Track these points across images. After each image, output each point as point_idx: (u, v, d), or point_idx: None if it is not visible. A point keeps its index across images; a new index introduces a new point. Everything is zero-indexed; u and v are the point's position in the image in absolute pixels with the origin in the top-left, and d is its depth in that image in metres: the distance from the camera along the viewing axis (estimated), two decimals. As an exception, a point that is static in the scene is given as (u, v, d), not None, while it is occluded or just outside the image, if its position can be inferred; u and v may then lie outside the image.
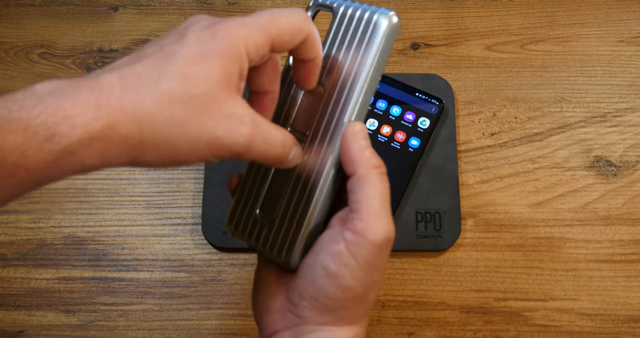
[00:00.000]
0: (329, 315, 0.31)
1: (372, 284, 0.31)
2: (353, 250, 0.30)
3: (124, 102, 0.26)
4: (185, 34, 0.28)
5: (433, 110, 0.54)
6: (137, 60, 0.27)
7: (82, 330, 0.49)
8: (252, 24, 0.28)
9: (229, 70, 0.27)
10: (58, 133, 0.24)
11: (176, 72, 0.27)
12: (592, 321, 0.49)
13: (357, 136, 0.32)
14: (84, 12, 0.60)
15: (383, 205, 0.31)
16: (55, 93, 0.25)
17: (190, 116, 0.27)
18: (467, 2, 0.60)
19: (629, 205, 0.53)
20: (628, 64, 0.57)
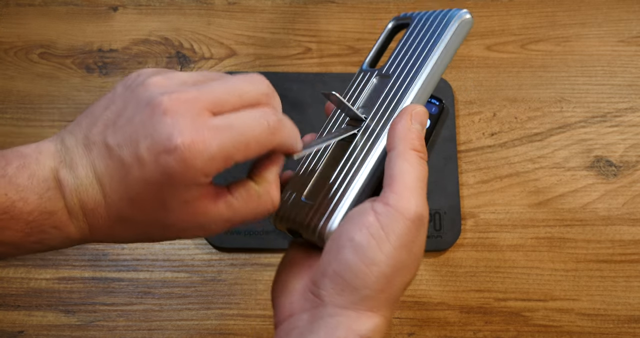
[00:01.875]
0: (351, 294, 0.29)
1: (401, 266, 0.30)
2: (383, 221, 0.29)
3: (97, 219, 0.29)
4: (140, 148, 0.26)
5: (433, 110, 0.54)
6: (103, 155, 0.28)
7: (82, 330, 0.49)
8: (214, 151, 0.26)
9: (187, 196, 0.27)
10: (46, 238, 0.28)
11: (135, 201, 0.28)
12: (593, 321, 0.49)
13: (413, 116, 0.32)
14: (84, 12, 0.60)
15: (418, 183, 0.30)
16: (49, 192, 0.28)
17: (154, 231, 0.30)
18: (467, 2, 0.60)
19: (629, 205, 0.52)
20: (628, 63, 0.57)
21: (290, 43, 0.58)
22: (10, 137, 0.55)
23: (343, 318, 0.29)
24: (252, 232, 0.51)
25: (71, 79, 0.57)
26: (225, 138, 0.26)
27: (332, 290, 0.30)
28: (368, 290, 0.29)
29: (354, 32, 0.59)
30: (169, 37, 0.59)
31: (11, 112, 0.56)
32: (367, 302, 0.30)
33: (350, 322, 0.29)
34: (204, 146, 0.26)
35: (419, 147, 0.31)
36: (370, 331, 0.29)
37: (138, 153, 0.26)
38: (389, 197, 0.30)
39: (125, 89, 0.29)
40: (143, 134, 0.27)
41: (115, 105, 0.28)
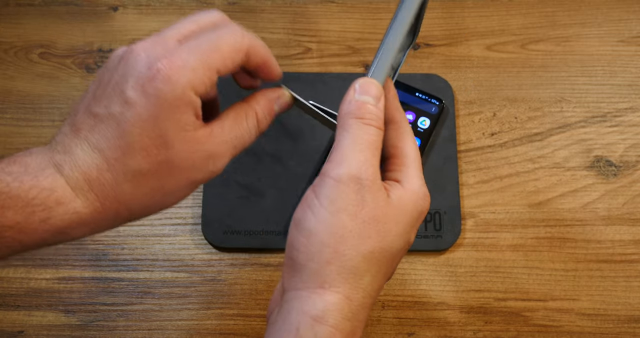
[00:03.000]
0: (300, 272, 0.28)
1: (344, 232, 0.28)
2: (316, 190, 0.29)
3: (105, 187, 0.28)
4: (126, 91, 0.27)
5: (433, 110, 0.54)
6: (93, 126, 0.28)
7: (82, 330, 0.49)
8: (193, 62, 0.28)
9: (183, 120, 0.28)
10: (52, 216, 0.27)
11: (136, 145, 0.27)
12: (593, 321, 0.49)
13: (356, 89, 0.32)
14: (84, 12, 0.60)
15: (355, 146, 0.29)
16: (46, 172, 0.27)
17: (164, 179, 0.28)
18: (467, 2, 0.60)
19: (629, 205, 0.53)
20: (628, 63, 0.57)
21: (290, 43, 0.58)
22: (10, 137, 0.55)
23: (295, 301, 0.28)
24: (252, 232, 0.51)
25: (71, 79, 0.57)
26: (198, 50, 0.28)
27: (287, 274, 0.29)
28: (312, 262, 0.28)
29: (354, 32, 0.59)
30: (169, 37, 0.59)
31: (11, 112, 0.56)
32: (315, 277, 0.28)
33: (301, 303, 0.28)
34: (182, 61, 0.27)
35: (363, 114, 0.31)
36: (321, 311, 0.27)
37: (125, 97, 0.27)
38: (323, 167, 0.30)
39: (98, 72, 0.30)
40: (124, 80, 0.28)
41: (92, 84, 0.30)
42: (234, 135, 0.31)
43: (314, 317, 0.27)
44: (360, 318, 0.29)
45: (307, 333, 0.27)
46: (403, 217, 0.30)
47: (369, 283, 0.29)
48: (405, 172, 0.32)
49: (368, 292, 0.29)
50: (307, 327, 0.27)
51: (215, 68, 0.29)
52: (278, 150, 0.53)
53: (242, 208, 0.51)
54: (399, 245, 0.30)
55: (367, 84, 0.32)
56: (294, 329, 0.27)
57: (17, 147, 0.54)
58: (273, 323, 0.29)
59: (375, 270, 0.29)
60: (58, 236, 0.28)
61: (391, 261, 0.30)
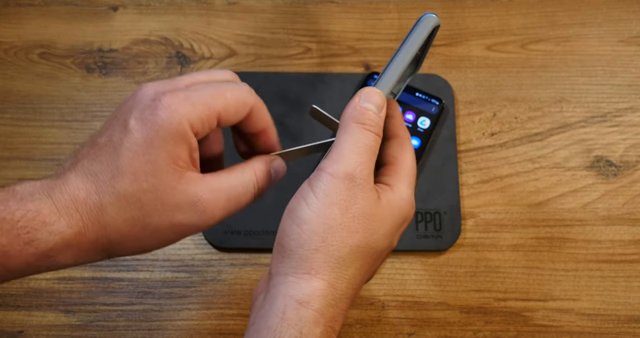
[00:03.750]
0: (288, 257, 0.30)
1: (334, 224, 0.30)
2: (312, 183, 0.31)
3: (89, 208, 0.28)
4: (128, 120, 0.29)
5: (433, 110, 0.54)
6: (93, 155, 0.29)
7: (82, 330, 0.49)
8: (195, 99, 0.29)
9: (176, 153, 0.28)
10: (37, 238, 0.27)
11: (125, 168, 0.28)
12: (593, 321, 0.49)
13: (362, 97, 0.33)
14: (84, 12, 0.60)
15: (354, 148, 0.31)
16: (34, 196, 0.28)
17: (147, 211, 0.29)
18: (467, 2, 0.60)
19: (629, 205, 0.53)
20: (628, 63, 0.57)
21: (290, 43, 0.58)
22: (10, 137, 0.55)
23: (282, 286, 0.29)
24: (252, 232, 0.51)
25: (71, 79, 0.57)
26: (203, 91, 0.30)
27: (275, 260, 0.31)
28: (302, 249, 0.30)
29: (354, 32, 0.59)
30: (169, 37, 0.59)
31: (11, 112, 0.56)
32: (303, 263, 0.29)
33: (288, 288, 0.29)
34: (185, 96, 0.29)
35: (365, 120, 0.32)
36: (307, 295, 0.29)
37: (126, 126, 0.28)
38: (322, 163, 0.31)
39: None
40: (129, 112, 0.29)
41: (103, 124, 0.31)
42: (227, 185, 0.31)
43: (299, 300, 0.29)
44: (342, 307, 0.30)
45: (293, 316, 0.28)
46: (390, 218, 0.32)
47: (353, 275, 0.30)
48: (398, 179, 0.33)
49: (351, 283, 0.30)
50: (292, 310, 0.29)
51: (216, 110, 0.30)
52: (278, 150, 0.53)
53: (242, 208, 0.51)
54: (383, 244, 0.32)
55: (372, 93, 0.33)
56: (280, 312, 0.29)
57: (17, 147, 0.54)
58: (259, 308, 0.30)
59: (359, 263, 0.31)
60: (43, 260, 0.28)
61: (375, 259, 0.32)
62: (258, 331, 0.29)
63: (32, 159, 0.54)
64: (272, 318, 0.28)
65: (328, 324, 0.29)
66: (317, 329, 0.28)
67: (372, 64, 0.57)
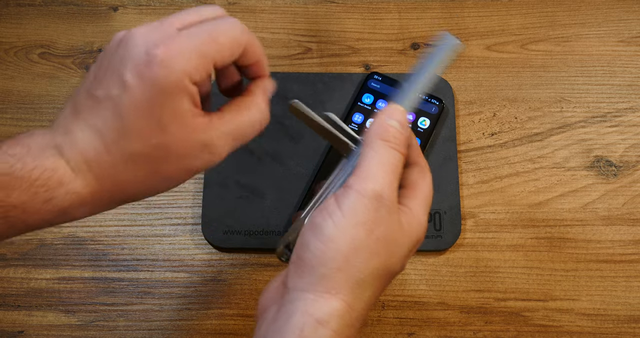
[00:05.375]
0: (309, 274, 0.29)
1: (360, 244, 0.29)
2: (340, 200, 0.30)
3: (102, 168, 0.28)
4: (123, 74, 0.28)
5: (433, 110, 0.54)
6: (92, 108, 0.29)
7: (82, 330, 0.49)
8: (189, 49, 0.28)
9: (178, 106, 0.28)
10: (54, 197, 0.28)
11: (132, 128, 0.28)
12: (592, 321, 0.49)
13: (387, 114, 0.33)
14: (84, 12, 0.60)
15: (381, 167, 0.31)
16: (47, 152, 0.28)
17: (159, 164, 0.29)
18: (467, 2, 0.60)
19: (629, 205, 0.53)
20: (628, 64, 0.57)
21: (290, 43, 0.58)
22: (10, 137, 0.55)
23: (300, 302, 0.29)
24: (252, 232, 0.51)
25: (71, 79, 0.57)
26: (196, 39, 0.29)
27: (294, 274, 0.30)
28: (325, 267, 0.29)
29: (354, 32, 0.59)
30: (169, 37, 0.59)
31: (11, 112, 0.56)
32: (324, 282, 0.29)
33: (307, 306, 0.29)
34: (179, 48, 0.28)
35: (390, 138, 0.32)
36: (327, 314, 0.29)
37: (123, 81, 0.28)
38: (349, 180, 0.31)
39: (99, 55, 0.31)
40: (123, 64, 0.28)
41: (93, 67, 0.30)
42: (234, 126, 0.31)
43: (318, 319, 0.28)
44: (356, 327, 0.30)
45: (311, 335, 0.28)
46: (408, 242, 0.32)
47: (370, 297, 0.31)
48: (418, 203, 0.34)
49: (367, 304, 0.31)
50: (311, 328, 0.28)
51: (212, 58, 0.29)
52: (278, 150, 0.53)
53: (242, 208, 0.51)
54: (398, 267, 0.32)
55: (396, 111, 0.34)
56: (298, 330, 0.28)
57: (17, 147, 0.54)
58: (272, 321, 0.30)
59: (376, 285, 0.31)
60: (60, 216, 0.28)
61: (388, 281, 0.32)
62: None
63: (32, 159, 0.54)
64: (289, 334, 0.28)
65: None
66: None
67: (372, 64, 0.57)
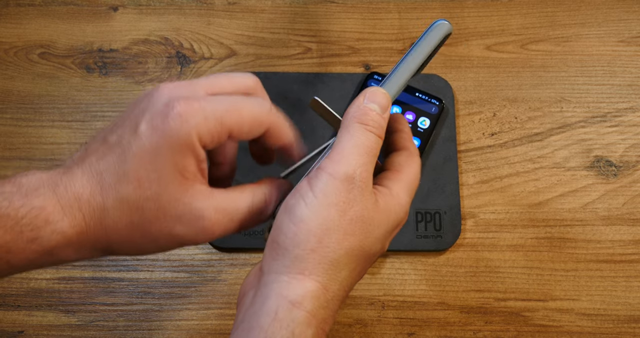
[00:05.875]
0: (283, 256, 0.29)
1: (332, 225, 0.29)
2: (312, 182, 0.30)
3: (92, 209, 0.28)
4: (139, 123, 0.28)
5: (433, 110, 0.54)
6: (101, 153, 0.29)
7: (82, 330, 0.49)
8: (209, 112, 0.28)
9: (182, 164, 0.28)
10: (40, 236, 0.27)
11: (131, 174, 0.28)
12: (592, 321, 0.49)
13: (367, 96, 0.33)
14: (84, 12, 0.60)
15: (355, 149, 0.31)
16: (39, 192, 0.28)
17: (147, 219, 0.28)
18: (467, 2, 0.60)
19: (629, 205, 0.53)
20: (628, 64, 0.57)
21: (290, 43, 0.58)
22: (10, 137, 0.55)
23: (275, 285, 0.29)
24: (252, 232, 0.51)
25: (71, 79, 0.57)
26: (220, 103, 0.29)
27: (269, 257, 0.30)
28: (298, 249, 0.29)
29: (354, 32, 0.59)
30: (169, 37, 0.59)
31: (11, 112, 0.56)
32: (298, 263, 0.29)
33: (281, 288, 0.29)
34: (200, 107, 0.28)
35: (368, 121, 0.32)
36: (300, 296, 0.29)
37: (137, 129, 0.28)
38: (322, 163, 0.31)
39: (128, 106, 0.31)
40: (142, 114, 0.28)
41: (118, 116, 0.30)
42: (233, 206, 0.30)
43: (292, 301, 0.29)
44: (333, 308, 0.30)
45: (285, 317, 0.28)
46: (385, 223, 0.32)
47: (345, 277, 0.31)
48: (400, 185, 0.33)
49: (343, 285, 0.31)
50: (285, 310, 0.28)
51: (229, 126, 0.29)
52: (278, 150, 0.53)
53: (242, 208, 0.51)
54: (376, 248, 0.32)
55: (377, 93, 0.33)
56: (272, 312, 0.28)
57: (17, 147, 0.54)
58: (249, 306, 0.30)
59: (352, 266, 0.31)
60: (45, 257, 0.28)
61: (366, 261, 0.32)
62: (249, 330, 0.29)
63: (32, 159, 0.54)
64: (264, 318, 0.28)
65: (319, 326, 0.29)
66: (309, 330, 0.28)
67: (372, 64, 0.57)
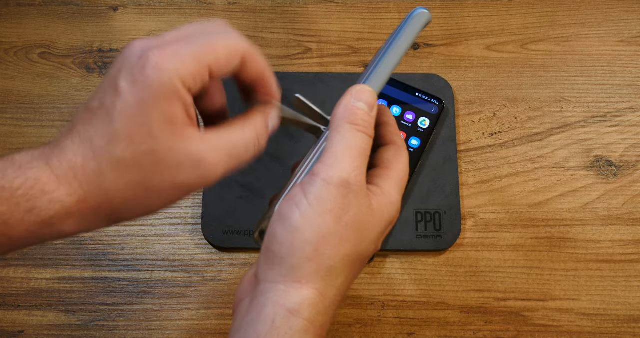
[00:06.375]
0: (279, 265, 0.29)
1: (327, 233, 0.29)
2: (306, 189, 0.30)
3: (88, 175, 0.27)
4: (118, 82, 0.28)
5: (433, 110, 0.54)
6: (88, 121, 0.28)
7: (82, 330, 0.49)
8: (184, 53, 0.28)
9: (170, 112, 0.27)
10: (37, 206, 0.27)
11: (121, 132, 0.27)
12: (592, 321, 0.49)
13: (354, 95, 0.32)
14: (84, 12, 0.60)
15: (348, 152, 0.30)
16: (33, 164, 0.27)
17: (147, 173, 0.28)
18: (467, 2, 0.60)
19: (629, 205, 0.53)
20: (628, 63, 0.57)
21: (290, 43, 0.58)
22: (10, 137, 0.55)
23: (272, 293, 0.29)
24: (252, 232, 0.51)
25: (71, 79, 0.57)
26: (191, 45, 0.28)
27: (264, 266, 0.30)
28: (294, 258, 0.29)
29: (354, 32, 0.59)
30: (169, 37, 0.59)
31: (11, 112, 0.56)
32: (294, 272, 0.29)
33: (278, 296, 0.29)
34: (172, 51, 0.27)
35: (357, 121, 0.31)
36: (297, 304, 0.29)
37: (116, 88, 0.27)
38: (315, 167, 0.30)
39: None
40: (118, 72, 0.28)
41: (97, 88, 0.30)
42: (228, 143, 0.30)
43: (289, 309, 0.29)
44: (330, 314, 0.30)
45: (283, 325, 0.28)
46: (379, 224, 0.32)
47: (342, 283, 0.30)
48: (390, 184, 0.33)
49: (340, 290, 0.30)
50: (282, 319, 0.28)
51: (206, 63, 0.28)
52: (278, 150, 0.53)
53: (242, 208, 0.51)
54: (370, 250, 0.32)
55: (363, 92, 0.33)
56: (270, 321, 0.28)
57: (17, 147, 0.54)
58: (245, 314, 0.30)
59: (348, 271, 0.31)
60: (45, 228, 0.27)
61: (361, 264, 0.32)
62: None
63: (32, 159, 0.54)
64: (261, 326, 0.28)
65: (317, 332, 0.29)
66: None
67: (372, 64, 0.57)
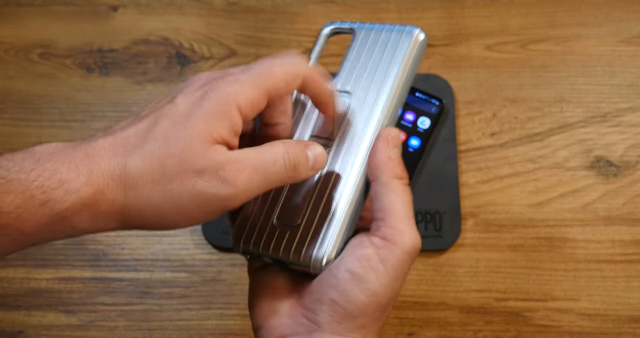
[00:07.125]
0: (349, 322, 0.30)
1: (394, 295, 0.31)
2: (382, 254, 0.30)
3: (112, 166, 0.27)
4: (176, 96, 0.28)
5: (433, 110, 0.54)
6: (132, 124, 0.29)
7: (82, 330, 0.49)
8: (244, 79, 0.28)
9: (215, 128, 0.28)
10: (52, 198, 0.26)
11: (159, 133, 0.27)
12: (593, 321, 0.49)
13: (390, 142, 0.32)
14: (84, 12, 0.60)
15: (408, 213, 0.31)
16: (53, 155, 0.27)
17: (168, 176, 0.27)
18: (467, 2, 0.60)
19: (629, 205, 0.53)
20: (628, 64, 0.57)
21: (290, 43, 0.58)
22: (11, 137, 0.55)
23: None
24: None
25: (71, 79, 0.57)
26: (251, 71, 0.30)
27: (330, 318, 0.31)
28: (366, 319, 0.30)
29: (354, 32, 0.59)
30: (169, 37, 0.59)
31: (11, 112, 0.56)
32: (362, 329, 0.31)
33: None
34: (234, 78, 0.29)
35: (401, 174, 0.32)
36: None
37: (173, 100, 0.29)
38: (385, 232, 0.31)
39: None
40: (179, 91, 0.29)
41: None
42: (254, 155, 0.29)
43: None
44: None
45: None
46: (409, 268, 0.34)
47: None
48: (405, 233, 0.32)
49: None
50: None
51: (266, 89, 0.29)
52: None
53: (242, 208, 0.51)
54: None
55: (396, 137, 0.33)
56: None
57: (17, 147, 0.54)
58: None
59: None
60: (58, 223, 0.26)
61: None
62: None
63: (32, 159, 0.54)
64: None
65: None
66: None
67: (372, 64, 0.57)
